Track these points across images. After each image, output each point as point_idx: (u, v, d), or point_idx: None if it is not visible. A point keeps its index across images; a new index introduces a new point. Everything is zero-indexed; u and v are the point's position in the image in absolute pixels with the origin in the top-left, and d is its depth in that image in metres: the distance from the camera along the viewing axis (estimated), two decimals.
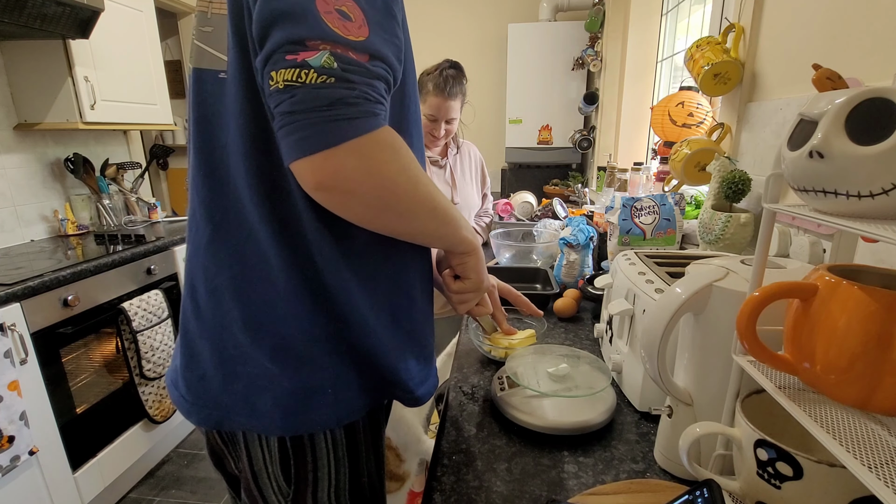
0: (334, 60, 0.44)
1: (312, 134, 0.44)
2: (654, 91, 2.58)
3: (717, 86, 1.24)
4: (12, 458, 1.41)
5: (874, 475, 0.32)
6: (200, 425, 0.63)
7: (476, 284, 0.69)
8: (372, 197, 0.49)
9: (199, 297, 0.60)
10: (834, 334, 0.37)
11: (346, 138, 0.45)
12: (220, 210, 0.57)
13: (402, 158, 0.50)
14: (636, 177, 1.82)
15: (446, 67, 1.45)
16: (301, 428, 0.58)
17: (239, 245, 0.57)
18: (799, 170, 0.38)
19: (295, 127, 0.44)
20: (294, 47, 0.44)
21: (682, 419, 0.57)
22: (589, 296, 1.08)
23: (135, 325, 1.82)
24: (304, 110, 0.44)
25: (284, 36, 0.44)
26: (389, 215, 0.52)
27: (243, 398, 0.58)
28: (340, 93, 0.44)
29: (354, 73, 0.45)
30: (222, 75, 0.55)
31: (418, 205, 0.53)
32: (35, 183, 2.14)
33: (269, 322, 0.57)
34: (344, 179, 0.46)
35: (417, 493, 1.14)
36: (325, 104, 0.44)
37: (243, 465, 0.63)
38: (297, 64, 0.43)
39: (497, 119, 3.65)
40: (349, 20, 0.45)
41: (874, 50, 0.82)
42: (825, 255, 0.83)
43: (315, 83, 0.43)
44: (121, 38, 2.20)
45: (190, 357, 0.61)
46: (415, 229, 0.56)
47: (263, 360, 0.57)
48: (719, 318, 0.53)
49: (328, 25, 0.44)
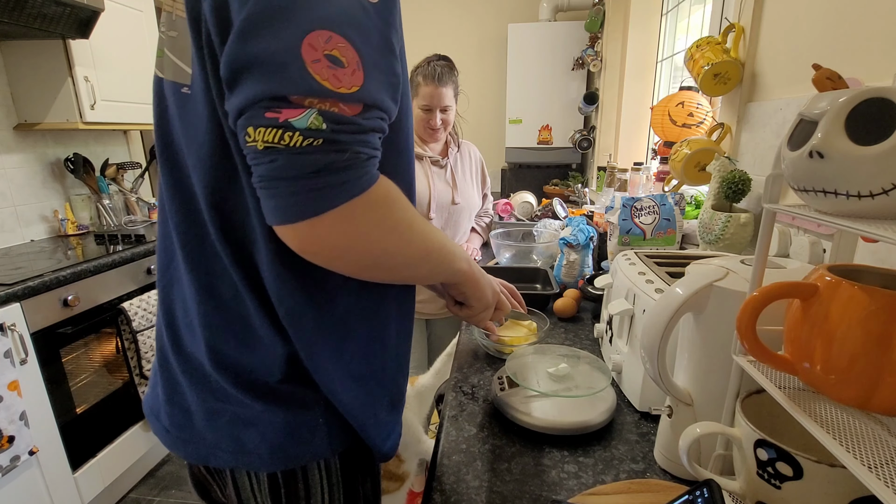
0: (322, 121, 0.38)
1: (295, 203, 0.39)
2: (654, 91, 2.58)
3: (717, 86, 1.24)
4: (12, 458, 1.41)
5: (874, 475, 0.32)
6: (185, 459, 0.59)
7: (482, 307, 0.67)
8: (361, 258, 0.45)
9: (178, 329, 0.56)
10: (834, 334, 0.37)
11: (333, 205, 0.40)
12: (192, 239, 0.52)
13: (395, 213, 0.45)
14: (636, 177, 1.82)
15: (435, 60, 1.47)
16: (291, 462, 0.54)
17: (213, 279, 0.52)
18: (799, 170, 0.38)
19: (275, 192, 0.39)
20: (275, 104, 0.37)
21: (682, 419, 0.57)
22: (589, 296, 1.08)
23: (135, 325, 1.82)
24: (284, 178, 0.38)
25: (263, 90, 0.37)
26: (378, 271, 0.49)
27: (228, 434, 0.53)
28: (329, 158, 0.39)
29: (345, 133, 0.39)
30: (185, 90, 0.48)
31: (409, 258, 0.49)
32: (35, 183, 2.14)
33: (244, 362, 0.52)
34: (330, 247, 0.42)
35: (417, 493, 1.14)
36: (310, 171, 0.38)
37: (230, 493, 0.59)
38: (279, 124, 0.37)
39: (497, 119, 3.65)
40: (340, 67, 0.39)
41: (874, 50, 0.82)
42: (825, 255, 0.83)
43: (300, 146, 0.38)
44: (121, 38, 2.20)
45: (172, 391, 0.57)
46: (405, 277, 0.54)
47: (246, 399, 0.52)
48: (719, 318, 0.53)
49: (315, 79, 0.38)
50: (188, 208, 0.51)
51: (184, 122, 0.49)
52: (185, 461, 0.64)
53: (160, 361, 0.59)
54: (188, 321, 0.55)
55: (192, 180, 0.50)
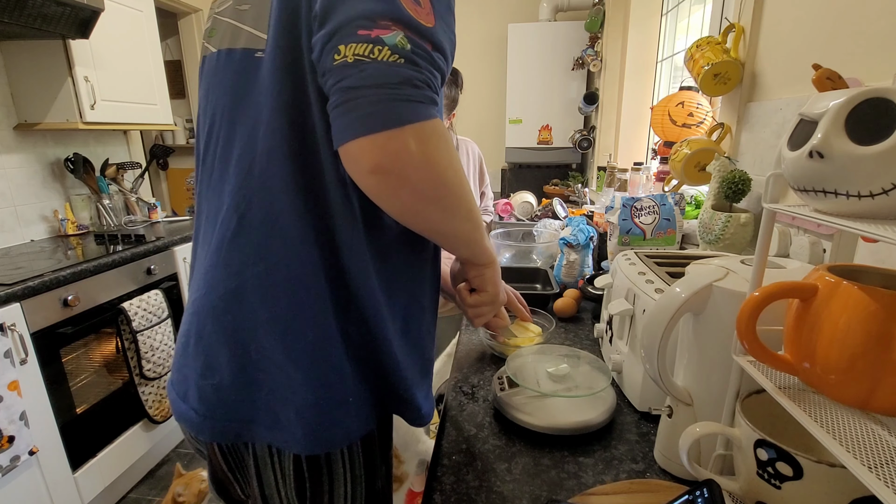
0: (407, 42, 0.43)
1: (378, 111, 0.43)
2: (654, 91, 2.58)
3: (717, 86, 1.24)
4: (12, 458, 1.41)
5: (874, 475, 0.32)
6: (213, 439, 0.59)
7: (492, 297, 0.68)
8: (424, 185, 0.47)
9: (216, 298, 0.56)
10: (834, 334, 0.37)
11: (410, 121, 0.43)
12: (245, 200, 0.53)
13: (453, 152, 0.49)
14: (636, 177, 1.82)
15: None
16: (321, 447, 0.56)
17: (263, 240, 0.53)
18: (799, 170, 0.38)
19: (359, 103, 0.43)
20: (368, 23, 0.42)
21: (682, 419, 0.57)
22: (589, 296, 1.08)
23: (135, 325, 1.82)
24: (372, 85, 0.42)
25: (358, 10, 0.43)
26: (434, 209, 0.51)
27: (265, 407, 0.54)
28: (410, 73, 0.43)
29: (422, 58, 0.44)
30: (259, 54, 0.52)
31: (461, 202, 0.52)
32: (35, 183, 2.14)
33: (296, 324, 0.53)
34: (403, 164, 0.45)
35: (417, 493, 1.14)
36: (394, 82, 0.43)
37: (252, 489, 0.60)
38: (371, 39, 0.42)
39: (497, 119, 3.65)
40: (419, 6, 0.44)
41: (874, 50, 0.82)
42: (825, 255, 0.83)
43: (388, 60, 0.42)
44: (121, 38, 2.20)
45: (207, 365, 0.56)
46: (452, 228, 0.55)
47: (287, 366, 0.53)
48: (719, 318, 0.53)
49: (404, 7, 0.43)
50: (248, 173, 0.53)
51: (255, 82, 0.52)
52: (203, 460, 0.65)
53: (195, 336, 0.58)
54: (232, 286, 0.54)
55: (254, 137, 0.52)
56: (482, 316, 0.70)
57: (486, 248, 0.62)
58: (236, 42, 0.54)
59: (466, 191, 0.52)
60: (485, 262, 0.64)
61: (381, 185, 0.46)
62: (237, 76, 0.54)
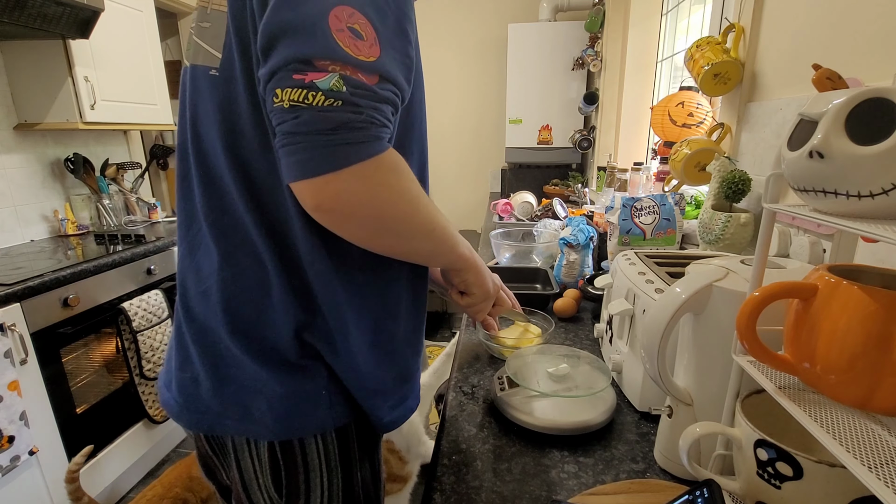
0: (343, 84, 0.42)
1: (314, 157, 0.43)
2: (654, 91, 2.58)
3: (717, 86, 1.24)
4: (12, 458, 1.41)
5: (874, 475, 0.32)
6: (190, 429, 0.62)
7: (482, 296, 0.69)
8: (371, 220, 0.48)
9: (189, 298, 0.59)
10: (834, 334, 0.37)
11: (348, 163, 0.44)
12: (214, 210, 0.56)
13: (404, 182, 0.49)
14: (636, 177, 1.82)
15: None
16: (293, 432, 0.57)
17: (232, 248, 0.55)
18: (799, 170, 0.38)
19: (297, 148, 0.43)
20: (302, 66, 0.42)
21: (682, 419, 0.57)
22: (589, 296, 1.08)
23: (135, 325, 1.82)
24: (307, 132, 0.43)
25: (292, 53, 0.42)
26: (387, 237, 0.51)
27: (235, 401, 0.57)
28: (346, 117, 0.43)
29: (362, 97, 0.44)
30: (213, 72, 0.53)
31: (416, 227, 0.52)
32: (35, 183, 2.14)
33: (258, 328, 0.55)
34: (344, 203, 0.45)
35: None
36: (329, 127, 0.43)
37: (233, 475, 0.62)
38: (305, 85, 0.42)
39: (497, 119, 3.65)
40: (360, 39, 0.43)
41: (874, 50, 0.82)
42: (825, 255, 0.83)
43: (322, 106, 0.42)
44: (121, 38, 2.19)
45: (184, 358, 0.60)
46: (411, 250, 0.55)
47: (253, 365, 0.56)
48: (719, 318, 0.53)
49: (339, 45, 0.42)
50: (213, 185, 0.56)
51: (211, 101, 0.54)
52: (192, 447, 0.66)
53: (176, 331, 0.62)
54: (202, 289, 0.57)
55: (216, 153, 0.54)
56: (479, 312, 0.72)
57: (459, 256, 0.61)
58: (197, 59, 0.56)
59: (425, 214, 0.52)
60: (462, 268, 0.64)
61: (327, 221, 0.48)
62: (195, 93, 0.56)
